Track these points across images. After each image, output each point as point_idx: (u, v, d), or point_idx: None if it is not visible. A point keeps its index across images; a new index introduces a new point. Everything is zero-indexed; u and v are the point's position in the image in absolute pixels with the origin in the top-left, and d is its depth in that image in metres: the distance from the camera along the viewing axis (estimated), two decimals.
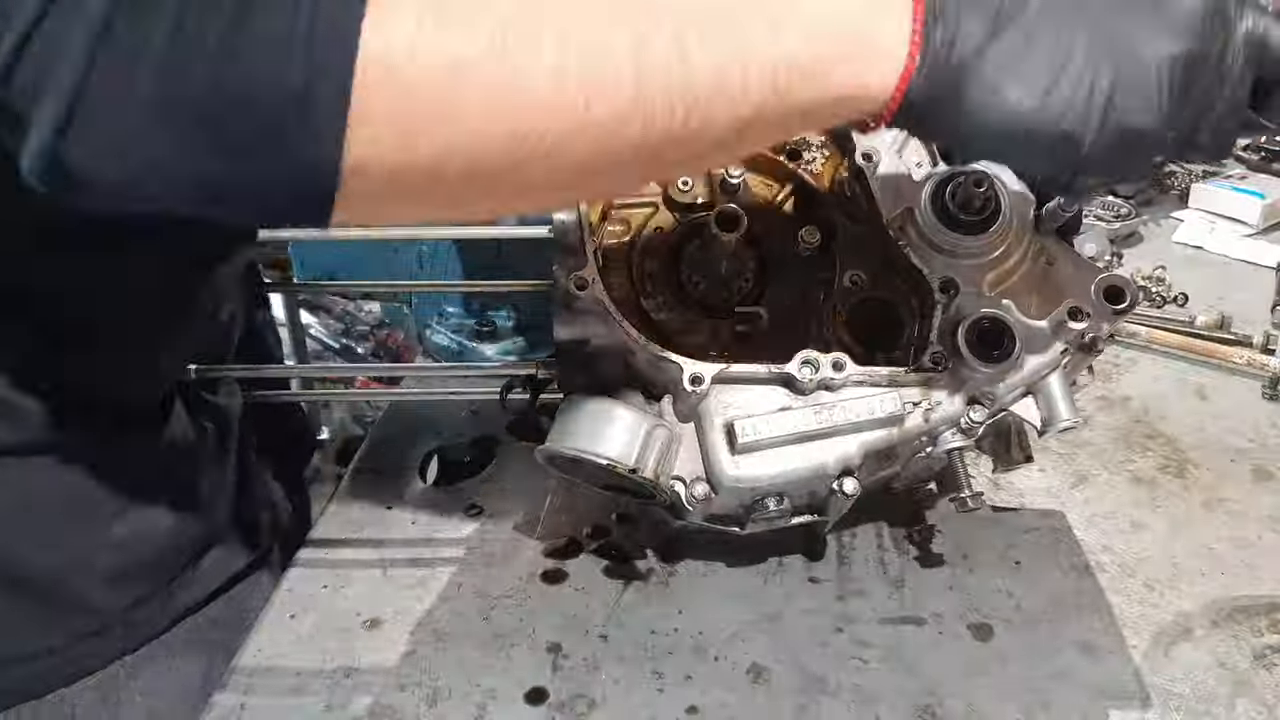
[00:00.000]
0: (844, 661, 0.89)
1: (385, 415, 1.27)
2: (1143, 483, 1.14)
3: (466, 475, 1.13)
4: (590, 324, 0.86)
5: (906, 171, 0.92)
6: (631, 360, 0.88)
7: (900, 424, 0.85)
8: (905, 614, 0.95)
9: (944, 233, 0.89)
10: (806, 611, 0.95)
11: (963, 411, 0.86)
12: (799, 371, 0.84)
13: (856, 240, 0.94)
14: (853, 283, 0.92)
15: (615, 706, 0.85)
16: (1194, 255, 1.66)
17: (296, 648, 0.90)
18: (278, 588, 0.98)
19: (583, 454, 0.81)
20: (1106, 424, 1.24)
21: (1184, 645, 0.93)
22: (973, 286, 0.88)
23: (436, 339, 1.25)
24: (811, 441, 0.85)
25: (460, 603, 0.95)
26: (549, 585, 0.97)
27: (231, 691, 0.86)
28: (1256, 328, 1.40)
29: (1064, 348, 0.87)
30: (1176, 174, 1.85)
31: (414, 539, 1.04)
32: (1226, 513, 1.10)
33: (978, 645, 0.91)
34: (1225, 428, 1.23)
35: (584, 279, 0.85)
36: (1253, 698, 0.88)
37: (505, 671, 0.88)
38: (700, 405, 0.85)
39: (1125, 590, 0.99)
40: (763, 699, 0.86)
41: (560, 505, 1.06)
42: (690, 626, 0.93)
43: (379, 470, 1.14)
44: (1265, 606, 0.97)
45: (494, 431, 1.19)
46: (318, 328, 3.15)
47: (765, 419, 0.84)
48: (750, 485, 0.85)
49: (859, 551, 1.02)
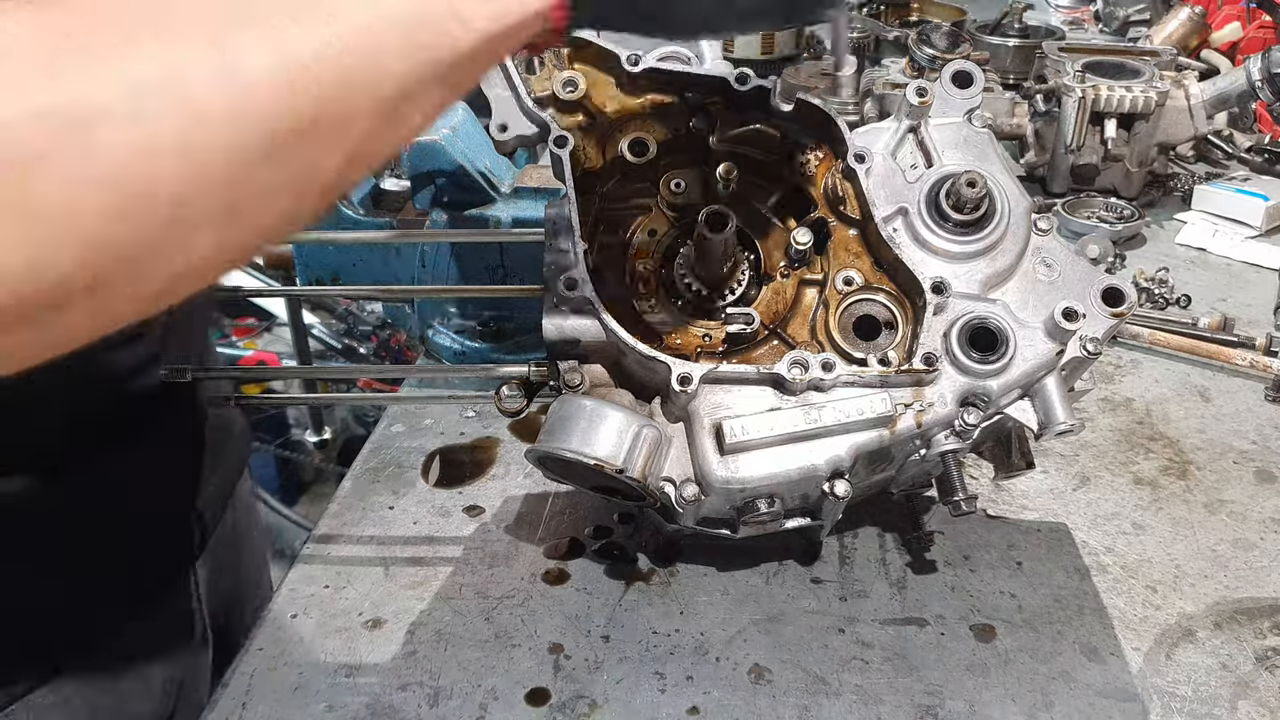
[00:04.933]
0: (846, 662, 0.89)
1: (387, 415, 1.27)
2: (1145, 485, 1.14)
3: (468, 476, 1.13)
4: (580, 324, 0.86)
5: (900, 172, 0.92)
6: (622, 361, 0.88)
7: (891, 425, 0.85)
8: (907, 615, 0.95)
9: (937, 233, 0.89)
10: (808, 612, 0.95)
11: (956, 413, 0.86)
12: (788, 372, 0.84)
13: (849, 241, 0.94)
14: (845, 283, 0.92)
15: (617, 707, 0.85)
16: (1197, 257, 1.66)
17: (298, 647, 0.90)
18: (278, 587, 0.98)
19: (571, 454, 0.81)
20: (1109, 426, 1.24)
21: (1186, 647, 0.93)
22: (966, 287, 0.88)
23: (439, 340, 1.25)
24: (801, 442, 0.84)
25: (462, 603, 0.95)
26: (551, 585, 0.97)
27: (233, 691, 0.86)
28: (1259, 330, 1.39)
29: (1060, 349, 0.87)
30: (1180, 176, 1.85)
31: (415, 539, 1.04)
32: (1229, 515, 1.09)
33: (980, 646, 0.91)
34: (1228, 430, 1.23)
35: (574, 279, 0.86)
36: (1254, 699, 0.88)
37: (507, 672, 0.88)
38: (690, 406, 0.85)
39: (1127, 592, 0.99)
40: (764, 699, 0.86)
41: (562, 506, 1.06)
42: (692, 627, 0.93)
43: (381, 470, 1.14)
44: (1267, 608, 0.97)
45: (496, 432, 1.19)
46: (320, 328, 3.15)
47: (754, 419, 0.84)
48: (740, 486, 0.84)
49: (861, 553, 1.02)
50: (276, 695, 0.86)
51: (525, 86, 0.92)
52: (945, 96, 0.94)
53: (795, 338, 0.92)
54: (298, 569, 1.00)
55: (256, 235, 0.54)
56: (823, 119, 0.92)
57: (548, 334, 0.87)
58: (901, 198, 0.91)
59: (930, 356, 0.86)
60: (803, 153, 0.95)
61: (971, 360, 0.85)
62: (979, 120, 0.95)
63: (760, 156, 0.96)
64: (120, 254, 0.46)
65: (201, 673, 1.10)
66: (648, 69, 0.93)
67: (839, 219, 0.94)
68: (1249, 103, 1.77)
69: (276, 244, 0.57)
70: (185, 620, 1.08)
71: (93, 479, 0.92)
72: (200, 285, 0.53)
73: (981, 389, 0.86)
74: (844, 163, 0.92)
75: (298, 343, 2.94)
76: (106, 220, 0.45)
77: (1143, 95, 1.69)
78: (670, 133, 0.96)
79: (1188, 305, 1.48)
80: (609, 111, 0.95)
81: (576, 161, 0.92)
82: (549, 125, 0.91)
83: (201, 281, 0.53)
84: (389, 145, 0.58)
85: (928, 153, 0.93)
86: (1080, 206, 1.71)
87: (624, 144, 0.94)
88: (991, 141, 0.94)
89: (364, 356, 3.13)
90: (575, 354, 0.89)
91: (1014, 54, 2.08)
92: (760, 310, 0.91)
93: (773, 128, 0.94)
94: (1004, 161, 0.94)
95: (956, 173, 0.89)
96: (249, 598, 1.22)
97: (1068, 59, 1.77)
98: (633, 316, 0.93)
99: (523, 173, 1.23)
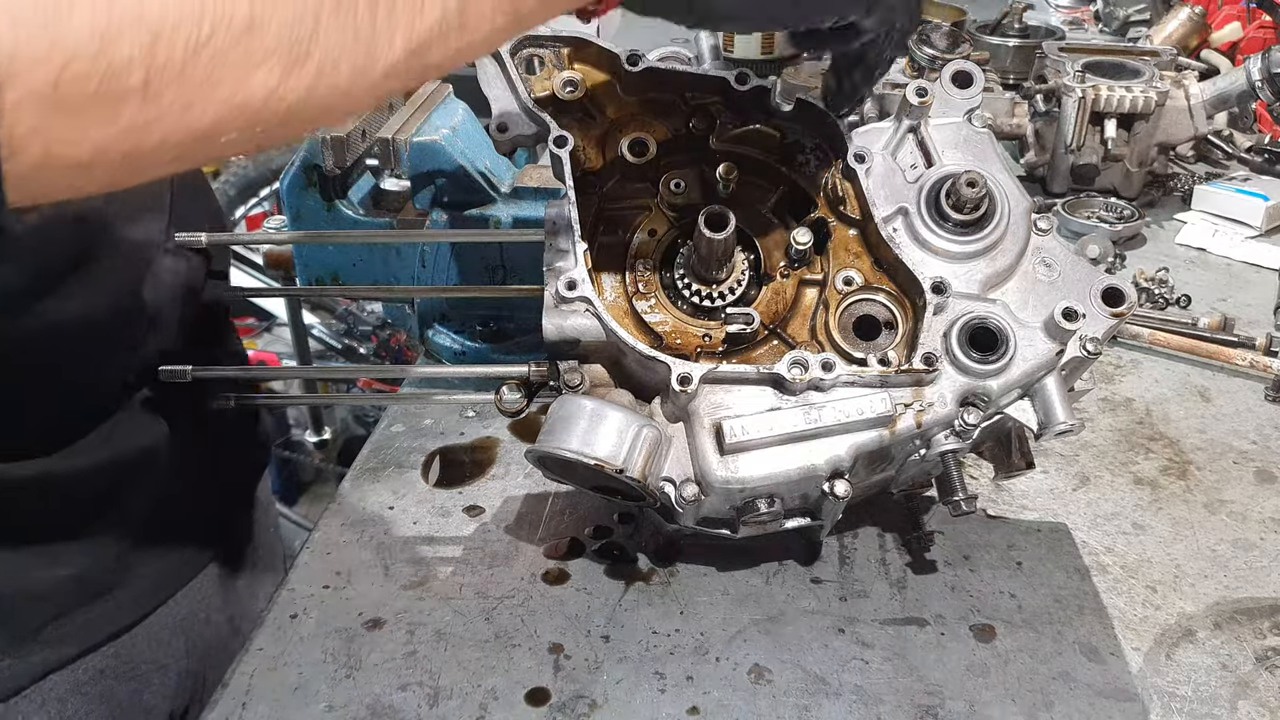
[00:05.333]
0: (846, 662, 0.89)
1: (387, 415, 1.27)
2: (1145, 485, 1.14)
3: (468, 476, 1.13)
4: (580, 324, 0.86)
5: (899, 172, 0.92)
6: (622, 361, 0.88)
7: (891, 425, 0.85)
8: (907, 615, 0.95)
9: (937, 233, 0.89)
10: (808, 612, 0.95)
11: (956, 413, 0.86)
12: (788, 372, 0.84)
13: (849, 241, 0.94)
14: (845, 283, 0.92)
15: (617, 707, 0.85)
16: (1197, 257, 1.66)
17: (298, 647, 0.90)
18: (279, 587, 0.98)
19: (571, 455, 0.81)
20: (1109, 426, 1.24)
21: (1186, 647, 0.93)
22: (966, 286, 0.88)
23: (439, 340, 1.25)
24: (801, 442, 0.84)
25: (462, 603, 0.95)
26: (550, 586, 0.97)
27: (233, 691, 0.86)
28: (1259, 330, 1.39)
29: (1059, 349, 0.87)
30: (1180, 176, 1.85)
31: (415, 539, 1.04)
32: (1229, 515, 1.09)
33: (980, 646, 0.91)
34: (1228, 430, 1.23)
35: (574, 279, 0.86)
36: (1255, 700, 0.88)
37: (507, 672, 0.88)
38: (690, 406, 0.85)
39: (1127, 592, 0.99)
40: (764, 699, 0.86)
41: (562, 506, 1.06)
42: (692, 627, 0.93)
43: (381, 470, 1.14)
44: (1267, 609, 0.97)
45: (496, 432, 1.19)
46: (320, 328, 3.16)
47: (754, 419, 0.84)
48: (739, 486, 0.84)
49: (861, 552, 1.02)
50: (276, 695, 0.86)
51: (525, 86, 0.92)
52: (945, 96, 0.94)
53: (795, 338, 0.92)
54: (298, 569, 1.00)
55: (320, 90, 0.51)
56: (823, 119, 0.92)
57: (548, 334, 0.87)
58: (901, 198, 0.91)
59: (930, 356, 0.86)
60: (803, 153, 0.95)
61: (971, 360, 0.85)
62: (979, 120, 0.95)
63: (760, 156, 0.96)
64: (178, 62, 0.46)
65: (220, 668, 1.10)
66: (647, 69, 0.93)
67: (839, 219, 0.94)
68: (1249, 103, 1.77)
69: (334, 123, 0.54)
70: (202, 614, 1.08)
71: (106, 463, 0.93)
72: (248, 143, 0.52)
73: (981, 389, 0.86)
74: (844, 163, 0.92)
75: (298, 343, 2.95)
76: (171, 21, 0.45)
77: (1143, 95, 1.69)
78: (670, 133, 0.96)
79: (1188, 305, 1.48)
80: (609, 111, 0.95)
81: (576, 161, 0.92)
82: (549, 125, 0.91)
83: (250, 133, 0.51)
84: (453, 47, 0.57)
85: (928, 153, 0.93)
86: (1080, 206, 1.71)
87: (624, 144, 0.94)
88: (991, 141, 0.94)
89: (364, 356, 3.14)
90: (575, 354, 0.89)
91: (1014, 54, 2.08)
92: (760, 310, 0.91)
93: (773, 128, 0.94)
94: (1004, 161, 0.94)
95: (956, 173, 0.89)
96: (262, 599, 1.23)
97: (1068, 59, 1.77)
98: (633, 316, 0.93)
99: (523, 173, 1.23)
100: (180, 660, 1.06)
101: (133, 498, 0.96)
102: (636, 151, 0.94)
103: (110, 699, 0.96)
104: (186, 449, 1.01)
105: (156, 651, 1.02)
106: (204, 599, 1.10)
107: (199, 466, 1.05)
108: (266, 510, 1.29)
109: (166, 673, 1.04)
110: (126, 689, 0.98)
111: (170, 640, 1.04)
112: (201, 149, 0.51)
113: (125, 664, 0.98)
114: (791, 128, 0.94)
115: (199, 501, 1.07)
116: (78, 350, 0.88)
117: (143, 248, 0.95)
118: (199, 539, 1.08)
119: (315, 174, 1.16)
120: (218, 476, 1.10)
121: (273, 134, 0.53)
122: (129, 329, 0.94)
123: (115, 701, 0.97)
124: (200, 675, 1.09)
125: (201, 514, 1.08)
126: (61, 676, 0.92)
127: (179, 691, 1.06)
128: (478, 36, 0.57)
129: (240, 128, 0.50)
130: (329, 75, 0.51)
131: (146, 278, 0.95)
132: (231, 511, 1.18)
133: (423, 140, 1.14)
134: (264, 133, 0.52)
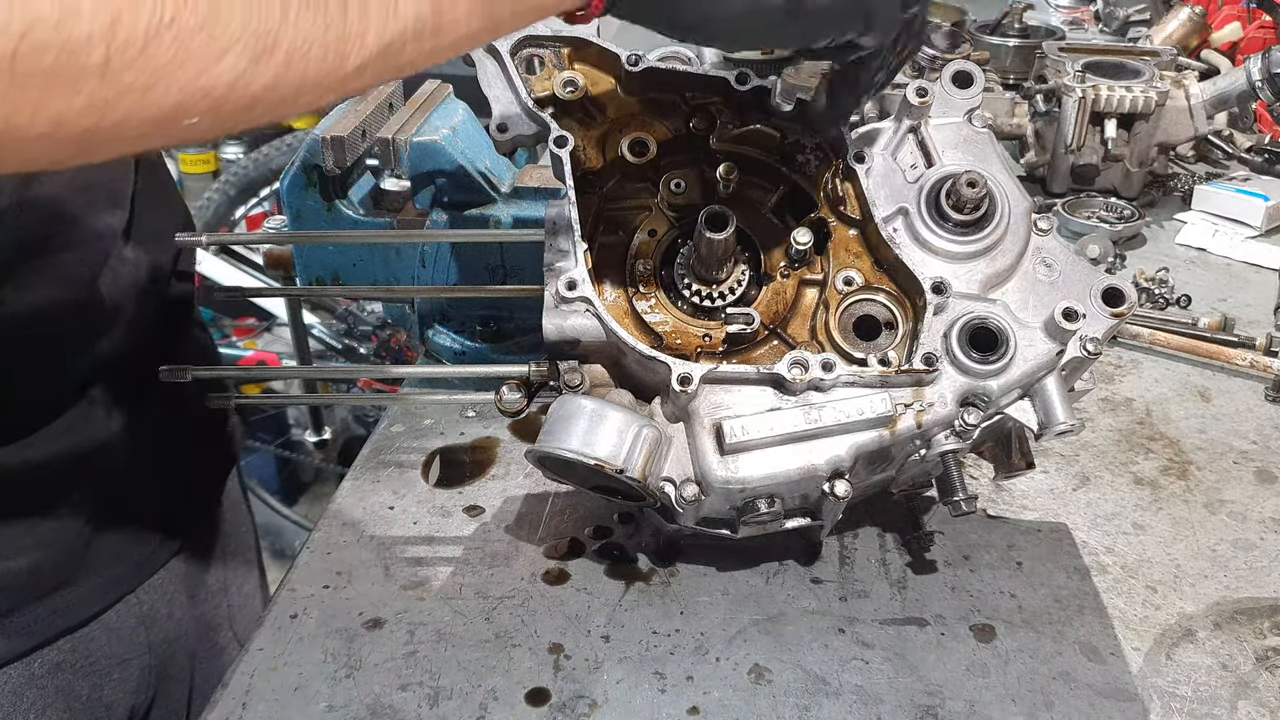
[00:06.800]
0: (846, 662, 0.89)
1: (387, 415, 1.27)
2: (1145, 485, 1.14)
3: (468, 476, 1.13)
4: (580, 324, 0.86)
5: (900, 172, 0.92)
6: (622, 361, 0.88)
7: (891, 425, 0.85)
8: (907, 615, 0.95)
9: (937, 233, 0.89)
10: (808, 612, 0.95)
11: (956, 413, 0.86)
12: (788, 372, 0.84)
13: (849, 241, 0.94)
14: (845, 283, 0.92)
15: (617, 707, 0.85)
16: (1197, 257, 1.66)
17: (298, 647, 0.90)
18: (278, 587, 0.98)
19: (571, 455, 0.81)
20: (1109, 426, 1.24)
21: (1186, 647, 0.93)
22: (966, 287, 0.88)
23: (439, 340, 1.25)
24: (801, 442, 0.84)
25: (462, 603, 0.95)
26: (551, 586, 0.97)
27: (233, 691, 0.86)
28: (1259, 330, 1.40)
29: (1060, 349, 0.87)
30: (1180, 176, 1.85)
31: (415, 539, 1.04)
32: (1229, 515, 1.09)
33: (980, 646, 0.91)
34: (1228, 430, 1.23)
35: (574, 279, 0.86)
36: (1255, 700, 0.88)
37: (507, 672, 0.88)
38: (690, 406, 0.85)
39: (1127, 592, 0.99)
40: (764, 699, 0.86)
41: (562, 506, 1.06)
42: (692, 627, 0.93)
43: (381, 470, 1.14)
44: (1267, 609, 0.97)
45: (496, 432, 1.19)
46: (320, 328, 3.16)
47: (754, 419, 0.84)
48: (739, 486, 0.84)
49: (861, 552, 1.02)
50: (276, 695, 0.86)
51: (525, 87, 0.92)
52: (945, 96, 0.94)
53: (795, 338, 0.92)
54: (298, 569, 1.00)
55: (288, 80, 0.52)
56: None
57: (548, 334, 0.87)
58: (901, 198, 0.91)
59: (930, 356, 0.86)
60: (803, 153, 0.95)
61: (971, 360, 0.85)
62: (979, 120, 0.95)
63: (760, 156, 0.96)
64: (138, 42, 0.46)
65: (181, 664, 1.10)
66: (647, 69, 0.93)
67: (839, 219, 0.94)
68: (1249, 103, 1.77)
69: (301, 113, 0.54)
70: (164, 609, 1.08)
71: (75, 455, 0.92)
72: (212, 127, 0.52)
73: (981, 389, 0.86)
74: (844, 163, 0.92)
75: (298, 343, 2.95)
76: (133, 1, 0.46)
77: (1143, 95, 1.69)
78: (670, 133, 0.96)
79: (1188, 305, 1.48)
80: (609, 111, 0.95)
81: (576, 161, 0.92)
82: (549, 125, 0.91)
83: (215, 117, 0.51)
84: (426, 48, 0.58)
85: (928, 153, 0.93)
86: (1080, 206, 1.71)
87: (624, 144, 0.94)
88: (991, 141, 0.94)
89: (364, 356, 3.14)
90: (575, 354, 0.89)
91: (1014, 54, 2.08)
92: (760, 310, 0.91)
93: (773, 128, 0.94)
94: (1004, 161, 0.94)
95: (956, 173, 0.89)
96: (234, 594, 1.22)
97: (1068, 59, 1.77)
98: (633, 316, 0.93)
99: (523, 173, 1.23)
100: (142, 656, 1.05)
101: (89, 492, 0.96)
102: (637, 151, 0.94)
103: (68, 693, 0.95)
104: (147, 445, 1.01)
105: (116, 646, 1.01)
106: (167, 595, 1.09)
107: (160, 463, 1.04)
108: (237, 507, 1.28)
109: (128, 668, 1.03)
110: (85, 684, 0.98)
111: (131, 635, 1.03)
112: (165, 130, 0.51)
113: (83, 658, 0.97)
114: (791, 128, 0.94)
115: (161, 498, 1.06)
116: (33, 341, 0.88)
117: (101, 239, 0.94)
118: (161, 535, 1.07)
119: (315, 174, 1.15)
120: (181, 473, 1.10)
121: (238, 119, 0.53)
122: (86, 322, 0.93)
123: (74, 695, 0.96)
124: (163, 671, 1.09)
125: (164, 510, 1.07)
126: (15, 670, 0.91)
127: (141, 687, 1.06)
128: (451, 39, 0.58)
129: (204, 112, 0.51)
130: (297, 66, 0.52)
131: (104, 272, 0.94)
132: (198, 508, 1.17)
133: (423, 140, 1.14)
134: (229, 118, 0.52)
